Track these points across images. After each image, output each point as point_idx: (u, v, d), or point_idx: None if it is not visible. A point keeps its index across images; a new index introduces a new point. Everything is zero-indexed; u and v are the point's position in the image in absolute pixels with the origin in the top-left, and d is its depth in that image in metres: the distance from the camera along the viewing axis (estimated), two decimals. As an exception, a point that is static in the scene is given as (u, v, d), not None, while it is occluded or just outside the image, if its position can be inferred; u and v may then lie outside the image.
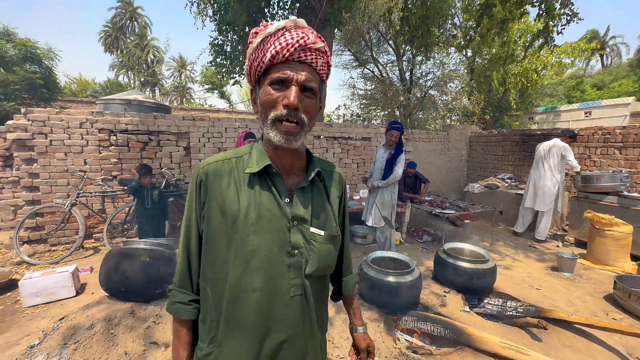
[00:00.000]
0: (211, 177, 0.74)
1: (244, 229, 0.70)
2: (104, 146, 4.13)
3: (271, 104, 0.69)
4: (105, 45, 28.34)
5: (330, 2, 4.51)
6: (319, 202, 0.80)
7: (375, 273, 2.71)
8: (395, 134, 3.62)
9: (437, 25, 6.15)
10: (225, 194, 0.73)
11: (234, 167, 0.76)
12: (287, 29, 0.69)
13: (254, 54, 0.71)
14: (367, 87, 13.21)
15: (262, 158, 0.75)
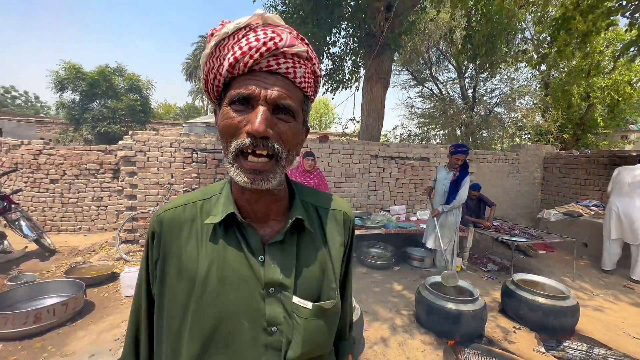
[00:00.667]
0: (166, 228, 0.58)
1: (202, 296, 0.53)
2: (187, 162, 4.78)
3: (231, 131, 0.51)
4: (187, 74, 32.66)
5: (390, 28, 4.69)
6: (309, 258, 0.60)
7: (434, 298, 2.62)
8: (461, 158, 3.56)
9: (504, 42, 5.87)
10: (183, 249, 0.56)
11: (198, 214, 0.59)
12: (251, 28, 0.50)
13: (208, 63, 0.53)
14: (425, 106, 12.93)
15: (228, 202, 0.57)
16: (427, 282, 2.86)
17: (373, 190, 5.33)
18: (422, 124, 12.09)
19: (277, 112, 0.51)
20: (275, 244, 0.57)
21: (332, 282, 0.61)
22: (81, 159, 5.06)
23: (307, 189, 0.68)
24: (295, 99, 0.53)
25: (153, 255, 0.58)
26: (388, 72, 5.54)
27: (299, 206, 0.62)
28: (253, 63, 0.49)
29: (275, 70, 0.51)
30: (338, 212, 0.67)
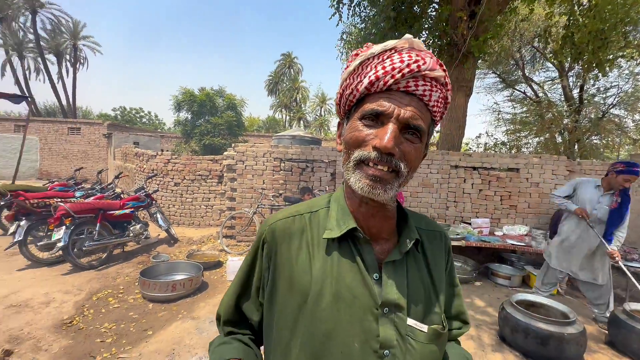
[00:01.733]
0: (278, 237, 0.58)
1: (315, 311, 0.52)
2: (276, 171, 5.46)
3: (357, 143, 0.52)
4: (268, 89, 36.03)
5: (474, 36, 4.57)
6: (417, 281, 0.58)
7: (521, 316, 2.51)
8: (632, 180, 2.66)
9: (620, 35, 5.04)
10: (294, 260, 0.56)
11: (307, 226, 0.59)
12: (397, 50, 0.51)
13: (348, 79, 0.55)
14: (516, 111, 11.66)
15: (345, 217, 0.57)
16: (513, 299, 2.73)
17: (452, 202, 5.17)
18: (512, 131, 10.93)
19: (405, 131, 0.51)
20: (390, 263, 0.55)
21: (436, 306, 0.58)
22: (196, 166, 6.25)
23: (410, 211, 0.67)
24: (425, 121, 0.53)
25: (263, 263, 0.60)
26: (471, 79, 5.34)
27: (413, 227, 0.61)
28: (393, 82, 0.50)
29: (412, 91, 0.51)
30: (438, 233, 0.67)
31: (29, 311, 2.83)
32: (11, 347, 2.22)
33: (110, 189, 5.78)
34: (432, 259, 0.62)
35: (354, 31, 6.80)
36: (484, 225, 4.63)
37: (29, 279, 3.53)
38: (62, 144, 14.87)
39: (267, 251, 0.59)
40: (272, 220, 0.62)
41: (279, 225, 0.60)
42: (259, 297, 0.62)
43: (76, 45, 25.45)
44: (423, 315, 0.56)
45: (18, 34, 23.07)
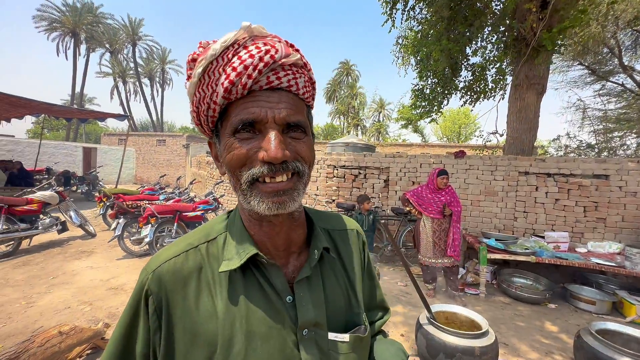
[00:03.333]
0: (168, 284, 0.47)
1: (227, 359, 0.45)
2: (329, 177, 5.61)
3: (240, 162, 0.45)
4: (327, 97, 36.87)
5: (546, 27, 4.09)
6: (335, 289, 0.55)
7: (604, 349, 2.16)
8: None
9: None
10: (194, 308, 0.46)
11: (204, 260, 0.49)
12: (239, 44, 0.45)
13: (197, 93, 0.47)
14: (609, 107, 9.92)
15: (243, 242, 0.49)
16: (593, 327, 2.36)
17: (522, 212, 4.64)
18: (604, 130, 9.32)
19: (287, 130, 0.46)
20: (303, 280, 0.51)
21: (356, 307, 0.56)
22: (256, 173, 6.78)
23: (316, 212, 0.62)
24: (302, 112, 0.49)
25: (151, 323, 0.46)
26: (543, 76, 4.75)
27: (320, 233, 0.56)
28: (252, 83, 0.44)
29: (277, 86, 0.45)
30: (351, 232, 0.64)
31: (123, 294, 3.43)
32: (110, 321, 2.73)
33: (186, 193, 6.62)
34: (348, 259, 0.59)
35: (410, 35, 6.64)
36: (561, 240, 4.05)
37: (125, 267, 4.26)
38: (152, 154, 17.50)
39: (155, 307, 0.46)
40: (154, 264, 0.49)
41: (165, 269, 0.47)
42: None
43: (164, 69, 29.74)
44: (345, 322, 0.54)
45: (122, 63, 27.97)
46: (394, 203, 5.21)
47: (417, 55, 6.16)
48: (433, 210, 3.61)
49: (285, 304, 0.49)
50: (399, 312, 3.24)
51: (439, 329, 2.28)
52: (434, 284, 3.79)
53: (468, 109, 23.60)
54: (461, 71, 5.75)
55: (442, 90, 5.84)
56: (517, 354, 2.57)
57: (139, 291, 0.48)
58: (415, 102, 6.17)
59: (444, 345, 2.18)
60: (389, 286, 3.97)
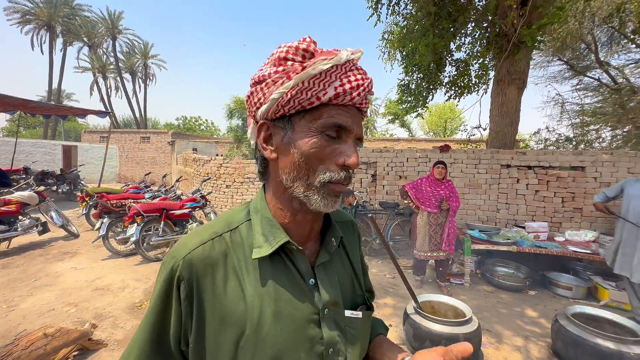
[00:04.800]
0: (199, 270, 0.49)
1: (257, 341, 0.48)
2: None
3: (320, 158, 0.49)
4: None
5: (526, 24, 4.20)
6: (343, 274, 0.61)
7: (578, 330, 2.28)
8: None
9: None
10: (222, 292, 0.49)
11: (229, 248, 0.52)
12: (354, 65, 0.51)
13: (308, 83, 0.48)
14: (586, 101, 10.29)
15: (274, 230, 0.53)
16: (569, 311, 2.49)
17: (504, 204, 4.80)
18: (581, 124, 9.68)
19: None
20: (321, 265, 0.56)
21: (359, 289, 0.63)
22: (244, 170, 6.72)
23: None
24: None
25: (183, 307, 0.48)
26: (524, 71, 4.89)
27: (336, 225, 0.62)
28: (356, 99, 0.50)
29: (362, 109, 0.53)
30: (349, 222, 0.71)
31: (110, 294, 3.37)
32: (97, 322, 2.69)
33: (172, 191, 6.52)
34: (350, 248, 0.66)
35: (396, 30, 6.68)
36: (540, 230, 4.22)
37: (110, 267, 4.18)
38: (135, 151, 17.06)
39: (187, 292, 0.48)
40: (184, 251, 0.50)
41: (196, 255, 0.50)
42: (181, 346, 0.49)
43: (146, 64, 28.87)
44: (351, 302, 0.60)
45: (102, 58, 26.97)
46: (382, 197, 5.29)
47: (403, 50, 6.22)
48: (430, 205, 3.64)
49: (309, 286, 0.53)
50: (388, 303, 3.32)
51: (425, 317, 2.36)
52: (422, 275, 3.89)
53: (453, 104, 24.03)
54: (446, 66, 5.84)
55: (428, 85, 5.93)
56: (499, 339, 2.69)
57: (169, 278, 0.49)
58: (402, 97, 6.24)
59: (430, 333, 2.27)
60: (378, 279, 4.05)
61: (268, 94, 0.49)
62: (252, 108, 0.53)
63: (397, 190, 5.25)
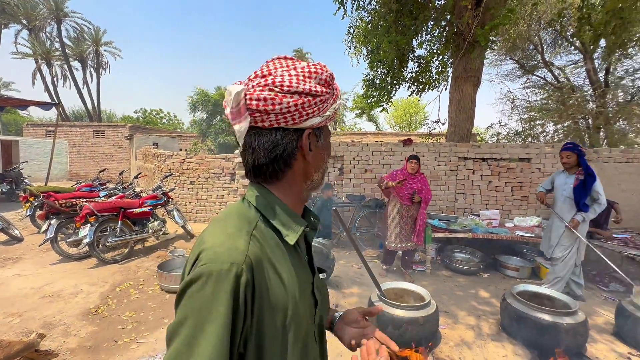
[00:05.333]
0: (257, 272, 0.51)
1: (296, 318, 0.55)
2: (285, 167, 5.60)
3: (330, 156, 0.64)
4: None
5: (480, 24, 4.46)
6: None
7: (521, 306, 2.52)
8: (564, 155, 3.21)
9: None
10: (270, 285, 0.53)
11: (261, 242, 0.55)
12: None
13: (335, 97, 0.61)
14: (533, 98, 11.19)
15: (294, 219, 0.60)
16: (514, 290, 2.74)
17: (461, 194, 5.12)
18: (528, 119, 10.52)
19: None
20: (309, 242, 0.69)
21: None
22: (209, 165, 6.50)
23: None
24: None
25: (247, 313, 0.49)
26: (478, 69, 5.22)
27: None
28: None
29: None
30: None
31: (60, 301, 3.13)
32: (45, 331, 2.49)
33: (131, 189, 6.14)
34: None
35: (361, 25, 6.76)
36: (493, 217, 4.57)
37: (61, 272, 3.87)
38: (88, 146, 15.73)
39: (252, 294, 0.49)
40: (239, 256, 0.49)
41: (252, 256, 0.51)
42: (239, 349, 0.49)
43: (98, 51, 26.58)
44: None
45: (45, 43, 24.37)
46: (349, 190, 5.40)
47: (368, 45, 6.31)
48: (403, 197, 3.76)
49: (305, 261, 0.65)
50: (354, 292, 3.43)
51: (387, 304, 2.47)
52: (389, 265, 4.05)
53: (417, 99, 24.94)
54: (408, 62, 6.03)
55: (391, 80, 6.09)
56: (455, 320, 2.89)
57: (236, 288, 0.47)
58: (367, 91, 6.36)
59: (392, 318, 2.38)
60: (345, 269, 4.16)
61: (322, 109, 0.58)
62: (296, 115, 0.55)
63: (363, 183, 5.39)
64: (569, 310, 2.37)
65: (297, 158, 0.59)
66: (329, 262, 3.36)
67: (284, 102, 0.53)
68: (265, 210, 0.59)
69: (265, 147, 0.57)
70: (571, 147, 3.21)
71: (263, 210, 0.59)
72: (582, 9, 4.67)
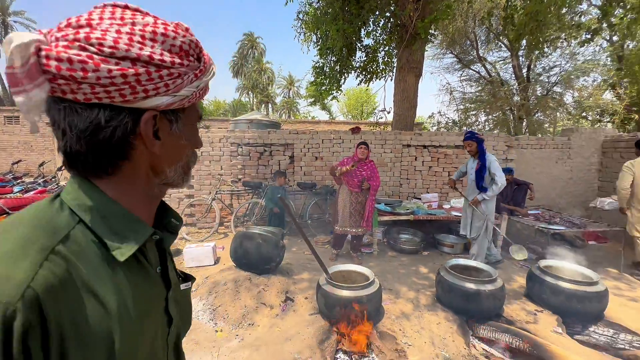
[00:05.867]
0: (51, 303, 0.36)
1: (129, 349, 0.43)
2: (233, 156, 5.40)
3: (195, 144, 0.54)
4: (233, 71, 34.55)
5: (420, 17, 4.69)
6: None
7: (452, 278, 2.80)
8: (466, 144, 3.61)
9: (555, 17, 5.42)
10: (81, 320, 0.38)
11: (71, 261, 0.39)
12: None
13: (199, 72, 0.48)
14: (469, 90, 12.23)
15: (133, 225, 0.46)
16: (447, 264, 3.03)
17: (405, 179, 5.45)
18: (464, 109, 11.50)
19: None
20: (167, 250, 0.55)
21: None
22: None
23: None
24: None
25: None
26: (420, 61, 5.52)
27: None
28: None
29: None
30: None
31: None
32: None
33: (54, 182, 5.42)
34: None
35: (310, 11, 6.67)
36: (433, 200, 4.96)
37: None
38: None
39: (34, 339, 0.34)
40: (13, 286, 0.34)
41: (42, 283, 0.35)
42: None
43: (6, 22, 22.53)
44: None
45: None
46: (299, 178, 5.41)
47: (317, 32, 6.27)
48: (352, 184, 3.85)
49: (158, 273, 0.51)
50: (305, 278, 3.49)
51: (334, 286, 2.56)
52: (339, 249, 4.18)
53: (369, 89, 25.66)
54: (356, 52, 6.14)
55: (340, 69, 6.17)
56: (397, 295, 3.11)
57: (4, 336, 0.32)
58: (317, 79, 6.37)
59: (339, 299, 2.48)
60: (297, 256, 4.20)
61: (174, 86, 0.44)
62: (126, 90, 0.40)
63: (314, 171, 5.44)
64: (490, 278, 2.70)
65: (136, 147, 0.44)
66: (279, 251, 3.35)
67: (103, 70, 0.38)
68: (87, 214, 0.43)
69: (81, 129, 0.40)
70: (470, 136, 3.58)
71: (83, 213, 0.43)
72: (507, 9, 5.15)
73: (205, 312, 2.70)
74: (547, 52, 8.49)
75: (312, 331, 2.45)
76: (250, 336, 2.43)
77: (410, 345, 2.33)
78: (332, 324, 2.52)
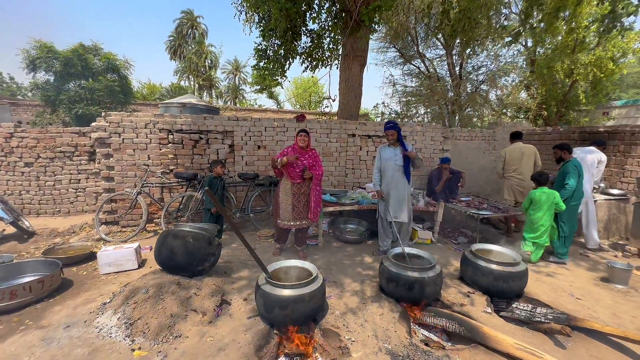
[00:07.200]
0: None
1: None
2: (163, 144, 4.77)
3: None
4: (171, 53, 31.44)
5: (365, 3, 4.60)
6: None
7: (394, 267, 2.79)
8: (389, 133, 3.74)
9: (485, 17, 5.81)
10: None
11: None
12: None
13: None
14: (410, 84, 12.85)
15: None
16: (390, 254, 3.02)
17: (350, 169, 5.43)
18: (406, 102, 12.08)
19: None
20: None
21: None
22: (55, 141, 5.01)
23: None
24: None
25: None
26: (364, 49, 5.48)
27: None
28: None
29: None
30: None
31: None
32: None
33: None
34: None
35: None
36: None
37: None
38: None
39: None
40: None
41: None
42: None
43: None
44: None
45: None
46: (240, 169, 5.02)
47: (259, 11, 5.83)
48: (295, 175, 3.60)
49: None
50: (244, 276, 3.21)
51: (274, 285, 2.34)
52: (283, 243, 3.95)
53: (317, 78, 25.50)
54: (301, 36, 5.86)
55: (285, 53, 5.84)
56: (342, 289, 3.03)
57: None
58: (259, 61, 5.95)
59: (279, 299, 2.27)
60: (237, 253, 3.89)
61: None
62: None
63: (257, 161, 5.10)
64: (430, 265, 2.75)
65: None
66: (213, 249, 3.01)
67: None
68: None
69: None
70: (391, 126, 3.74)
71: None
72: (445, 3, 5.35)
73: (120, 327, 2.27)
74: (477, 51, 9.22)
75: (250, 337, 2.21)
76: (176, 351, 2.10)
77: (353, 341, 2.24)
78: (272, 326, 2.31)
